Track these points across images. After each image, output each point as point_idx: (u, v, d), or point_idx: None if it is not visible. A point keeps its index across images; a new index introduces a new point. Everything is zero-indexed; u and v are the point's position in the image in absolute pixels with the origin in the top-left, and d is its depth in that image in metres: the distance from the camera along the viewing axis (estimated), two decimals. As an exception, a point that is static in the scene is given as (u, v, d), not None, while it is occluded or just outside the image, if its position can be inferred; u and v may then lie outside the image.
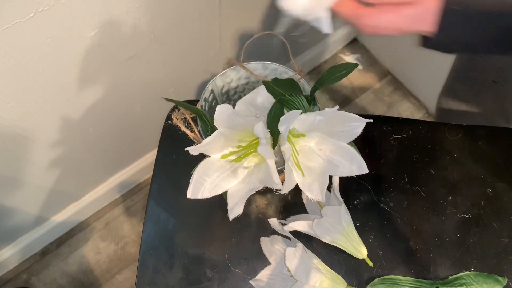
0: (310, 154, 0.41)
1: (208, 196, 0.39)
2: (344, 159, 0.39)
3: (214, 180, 0.40)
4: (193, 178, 0.39)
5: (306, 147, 0.41)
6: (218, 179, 0.40)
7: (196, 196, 0.39)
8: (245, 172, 0.41)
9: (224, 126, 0.37)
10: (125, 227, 1.17)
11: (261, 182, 0.39)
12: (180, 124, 0.44)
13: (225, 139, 0.39)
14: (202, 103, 0.47)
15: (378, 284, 0.48)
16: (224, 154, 0.40)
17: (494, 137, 0.57)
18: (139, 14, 0.61)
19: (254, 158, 0.41)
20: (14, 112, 0.63)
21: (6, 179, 0.78)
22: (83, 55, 0.62)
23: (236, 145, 0.40)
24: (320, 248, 0.50)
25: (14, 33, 0.50)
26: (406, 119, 0.59)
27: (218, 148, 0.40)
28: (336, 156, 0.40)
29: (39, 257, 1.12)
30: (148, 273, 0.49)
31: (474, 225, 0.51)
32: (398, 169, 0.55)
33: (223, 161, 0.40)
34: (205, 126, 0.43)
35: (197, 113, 0.43)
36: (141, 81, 0.78)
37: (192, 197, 0.39)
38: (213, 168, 0.40)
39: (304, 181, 0.39)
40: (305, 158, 0.41)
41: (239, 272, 0.49)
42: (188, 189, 0.39)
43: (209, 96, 0.48)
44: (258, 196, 0.53)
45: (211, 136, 0.37)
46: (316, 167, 0.40)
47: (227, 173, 0.40)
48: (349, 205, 0.53)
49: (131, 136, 0.96)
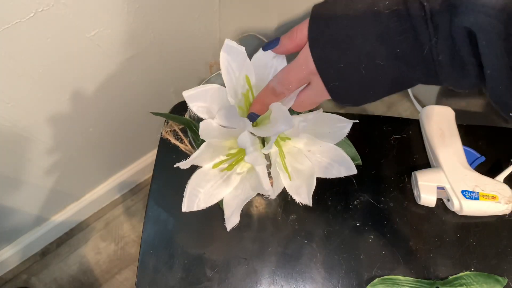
0: (298, 155, 0.40)
1: (204, 207, 0.39)
2: (333, 161, 0.39)
3: (208, 190, 0.39)
4: (186, 191, 0.38)
5: (294, 148, 0.41)
6: (211, 188, 0.39)
7: (192, 209, 0.38)
8: (239, 179, 0.40)
9: (211, 138, 0.37)
10: (125, 227, 1.17)
11: (254, 190, 0.38)
12: (170, 137, 0.44)
13: (214, 149, 0.38)
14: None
15: (378, 284, 0.48)
16: (216, 163, 0.39)
17: (494, 137, 0.57)
18: (139, 14, 0.61)
19: (247, 164, 0.40)
20: (14, 112, 0.63)
21: (6, 179, 0.78)
22: (83, 55, 0.61)
23: (226, 153, 0.40)
24: (320, 248, 0.50)
25: (14, 33, 0.50)
26: (406, 119, 0.59)
27: (208, 158, 0.39)
28: (325, 157, 0.40)
29: (39, 257, 1.12)
30: (148, 273, 0.49)
31: (474, 225, 0.51)
32: (398, 169, 0.55)
33: (215, 170, 0.39)
34: (195, 135, 0.43)
35: (185, 124, 0.43)
36: (141, 81, 0.78)
37: (188, 210, 0.38)
38: (206, 179, 0.39)
39: (292, 184, 0.39)
40: (293, 160, 0.40)
41: (239, 272, 0.49)
42: (183, 203, 0.38)
43: None
44: (257, 196, 0.53)
45: (200, 149, 0.36)
46: (304, 169, 0.39)
47: (221, 182, 0.40)
48: (349, 205, 0.53)
49: (131, 136, 0.96)
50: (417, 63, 0.27)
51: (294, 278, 0.49)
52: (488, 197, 0.49)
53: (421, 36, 0.26)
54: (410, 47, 0.27)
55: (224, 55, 0.36)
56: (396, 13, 0.26)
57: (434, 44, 0.26)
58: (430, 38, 0.26)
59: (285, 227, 0.52)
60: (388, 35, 0.27)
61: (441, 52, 0.26)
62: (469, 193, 0.49)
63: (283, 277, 0.49)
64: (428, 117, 0.56)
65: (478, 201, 0.49)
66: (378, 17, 0.27)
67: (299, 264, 0.49)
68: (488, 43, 0.24)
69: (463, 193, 0.49)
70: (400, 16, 0.26)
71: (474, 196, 0.49)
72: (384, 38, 0.27)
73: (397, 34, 0.26)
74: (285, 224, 0.52)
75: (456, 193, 0.49)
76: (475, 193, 0.49)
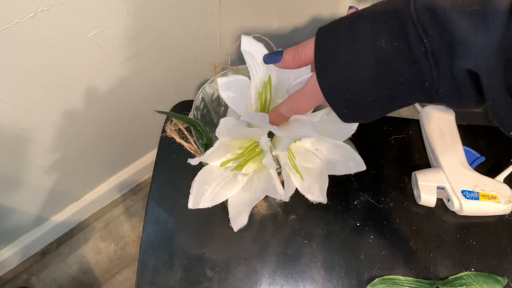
0: (306, 155, 0.40)
1: (209, 205, 0.38)
2: (342, 157, 0.39)
3: (214, 189, 0.39)
4: (193, 188, 0.38)
5: (302, 148, 0.41)
6: (218, 187, 0.39)
7: (198, 206, 0.38)
8: (245, 179, 0.40)
9: (227, 136, 0.37)
10: (125, 227, 1.17)
11: (264, 192, 0.38)
12: (175, 136, 0.44)
13: (225, 148, 0.38)
14: (194, 112, 0.46)
15: (378, 284, 0.48)
16: (223, 161, 0.39)
17: (494, 137, 0.57)
18: (139, 14, 0.61)
19: (253, 164, 0.40)
20: (14, 112, 0.63)
21: (6, 179, 0.78)
22: (83, 55, 0.62)
23: (235, 152, 0.40)
24: (320, 248, 0.50)
25: (14, 33, 0.50)
26: (406, 119, 0.59)
27: (218, 156, 0.39)
28: (333, 155, 0.40)
29: (39, 257, 1.12)
30: (148, 273, 0.49)
31: (474, 225, 0.51)
32: (398, 169, 0.55)
33: (222, 169, 0.39)
34: (199, 135, 0.43)
35: (190, 123, 0.43)
36: (141, 81, 0.78)
37: (194, 207, 0.38)
38: (212, 177, 0.39)
39: (303, 184, 0.39)
40: (302, 160, 0.40)
41: (239, 272, 0.49)
42: (189, 199, 0.38)
43: (200, 104, 0.48)
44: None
45: (214, 147, 0.36)
46: (314, 168, 0.40)
47: (227, 181, 0.40)
48: (349, 205, 0.53)
49: (131, 136, 0.96)
50: (420, 91, 0.28)
51: (294, 278, 0.49)
52: (488, 197, 0.49)
53: (422, 70, 0.27)
54: (413, 78, 0.28)
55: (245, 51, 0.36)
56: (398, 48, 0.27)
57: (435, 78, 0.27)
58: (431, 72, 0.26)
59: (285, 227, 0.52)
60: (391, 68, 0.28)
61: (441, 85, 0.27)
62: (469, 193, 0.49)
63: (283, 277, 0.49)
64: (428, 117, 0.56)
65: (478, 201, 0.49)
66: (380, 52, 0.27)
67: (299, 264, 0.49)
68: (490, 82, 0.24)
69: (463, 193, 0.49)
70: (402, 51, 0.27)
71: (474, 196, 0.49)
72: (388, 71, 0.28)
73: (399, 66, 0.27)
74: (285, 224, 0.52)
75: (456, 193, 0.49)
76: (475, 193, 0.49)
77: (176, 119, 0.45)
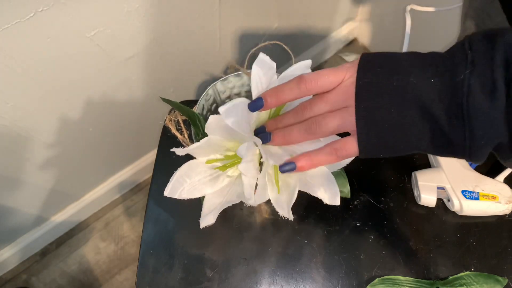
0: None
1: (185, 197, 0.39)
2: (321, 186, 0.38)
3: (194, 183, 0.39)
4: (173, 177, 0.38)
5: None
6: (198, 182, 0.39)
7: (173, 195, 0.38)
8: (227, 181, 0.40)
9: (216, 134, 0.37)
10: (125, 227, 1.17)
11: (238, 197, 0.38)
12: (172, 126, 0.44)
13: (213, 146, 0.38)
14: (201, 106, 0.46)
15: (378, 284, 0.48)
16: (210, 159, 0.39)
17: (494, 137, 0.57)
18: (139, 14, 0.61)
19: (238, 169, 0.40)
20: (14, 112, 0.63)
21: (6, 179, 0.78)
22: (83, 55, 0.62)
23: (223, 153, 0.40)
24: (320, 248, 0.50)
25: (14, 33, 0.50)
26: (406, 119, 0.59)
27: (206, 152, 0.39)
28: (315, 180, 0.38)
29: (39, 257, 1.12)
30: (148, 273, 0.49)
31: (474, 225, 0.51)
32: (398, 169, 0.55)
33: (207, 166, 0.39)
34: (197, 130, 0.43)
35: (191, 116, 0.43)
36: (141, 81, 0.78)
37: (169, 195, 0.38)
38: (196, 171, 0.39)
39: (278, 198, 0.38)
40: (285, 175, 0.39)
41: (239, 272, 0.49)
42: (167, 187, 0.38)
43: (209, 99, 0.48)
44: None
45: (200, 142, 0.36)
46: (292, 183, 0.38)
47: (209, 178, 0.40)
48: (349, 205, 0.53)
49: (131, 136, 0.96)
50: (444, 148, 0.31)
51: (294, 278, 0.49)
52: (488, 197, 0.49)
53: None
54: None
55: (256, 68, 0.36)
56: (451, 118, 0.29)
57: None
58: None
59: (285, 227, 0.52)
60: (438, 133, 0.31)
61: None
62: (469, 193, 0.49)
63: (283, 277, 0.49)
64: (428, 117, 0.56)
65: (478, 201, 0.49)
66: (429, 117, 0.30)
67: (299, 264, 0.49)
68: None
69: (463, 193, 0.49)
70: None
71: (474, 196, 0.49)
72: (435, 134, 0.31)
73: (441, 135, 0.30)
74: (285, 224, 0.52)
75: (456, 193, 0.49)
76: (475, 193, 0.49)
77: (179, 110, 0.45)
